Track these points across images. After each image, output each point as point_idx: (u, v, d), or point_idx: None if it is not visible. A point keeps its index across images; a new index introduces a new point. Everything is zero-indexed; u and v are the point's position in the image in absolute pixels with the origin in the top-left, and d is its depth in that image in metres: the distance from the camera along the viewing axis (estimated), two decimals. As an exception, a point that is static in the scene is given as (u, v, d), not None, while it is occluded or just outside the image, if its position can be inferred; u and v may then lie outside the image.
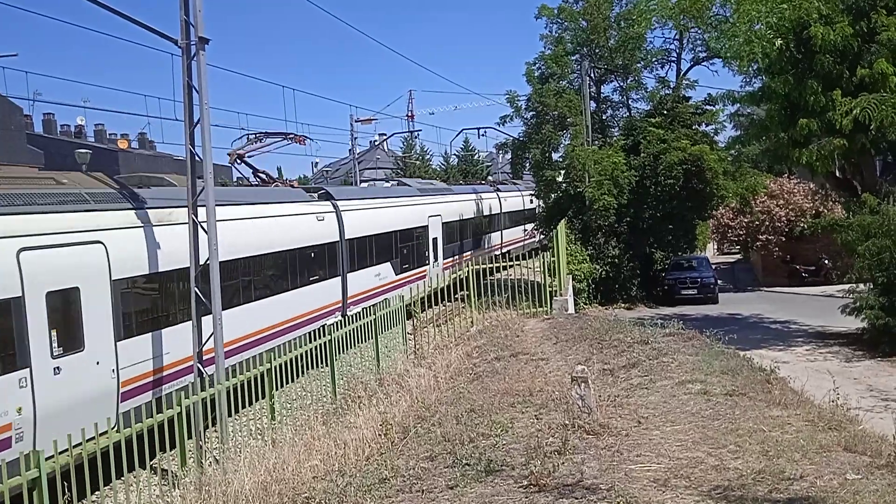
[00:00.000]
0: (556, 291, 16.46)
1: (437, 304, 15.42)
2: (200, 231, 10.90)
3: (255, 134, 19.53)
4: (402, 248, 22.22)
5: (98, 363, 9.69)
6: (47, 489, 6.32)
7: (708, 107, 30.04)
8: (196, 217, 10.89)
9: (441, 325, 15.50)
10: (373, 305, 15.53)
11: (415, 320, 14.82)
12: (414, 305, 14.80)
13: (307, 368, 11.06)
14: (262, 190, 17.26)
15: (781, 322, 22.21)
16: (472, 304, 16.00)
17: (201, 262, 10.92)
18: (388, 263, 21.07)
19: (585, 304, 24.95)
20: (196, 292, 10.79)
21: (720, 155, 28.08)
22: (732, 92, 22.32)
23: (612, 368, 9.74)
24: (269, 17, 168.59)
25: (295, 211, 16.23)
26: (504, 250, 32.84)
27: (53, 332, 8.98)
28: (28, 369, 8.57)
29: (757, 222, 33.14)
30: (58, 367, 9.00)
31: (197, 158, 10.89)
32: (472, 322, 15.65)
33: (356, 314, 13.28)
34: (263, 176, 18.76)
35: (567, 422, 7.14)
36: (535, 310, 15.84)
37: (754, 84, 22.06)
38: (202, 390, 9.03)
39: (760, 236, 33.04)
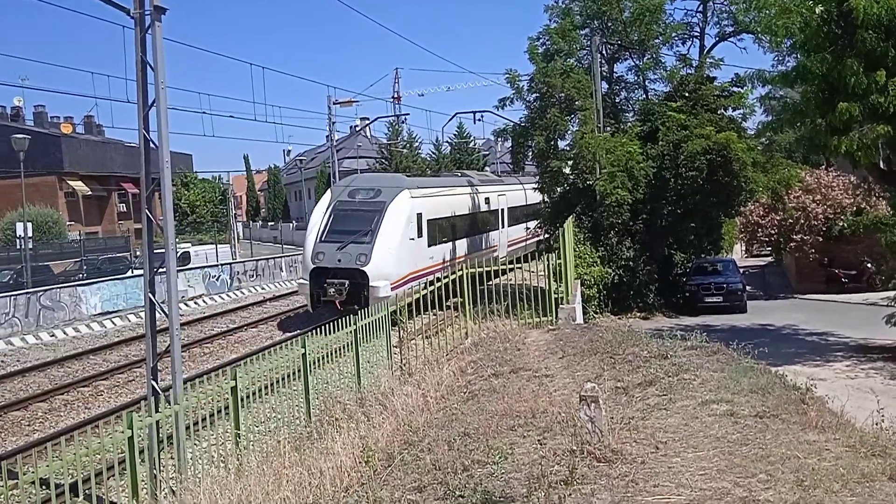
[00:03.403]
0: (562, 298, 16.48)
1: (425, 311, 15.39)
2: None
3: None
4: None
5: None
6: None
7: (735, 88, 30.06)
8: (149, 214, 10.86)
9: (431, 337, 15.49)
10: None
11: (401, 331, 14.80)
12: (400, 314, 14.79)
13: (278, 385, 11.03)
14: None
15: (818, 334, 22.29)
16: (466, 312, 15.99)
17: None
18: None
19: (596, 312, 24.98)
20: (151, 298, 10.75)
21: (749, 143, 28.14)
22: (763, 72, 22.29)
23: (626, 386, 9.75)
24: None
25: None
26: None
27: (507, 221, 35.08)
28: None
29: (791, 220, 33.24)
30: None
31: (152, 145, 10.84)
32: (466, 333, 15.65)
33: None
34: None
35: (575, 447, 7.14)
36: (538, 319, 15.84)
37: (787, 63, 22.08)
38: (157, 411, 8.99)
39: (794, 236, 33.15)
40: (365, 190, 25.55)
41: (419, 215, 25.73)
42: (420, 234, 25.52)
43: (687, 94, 29.68)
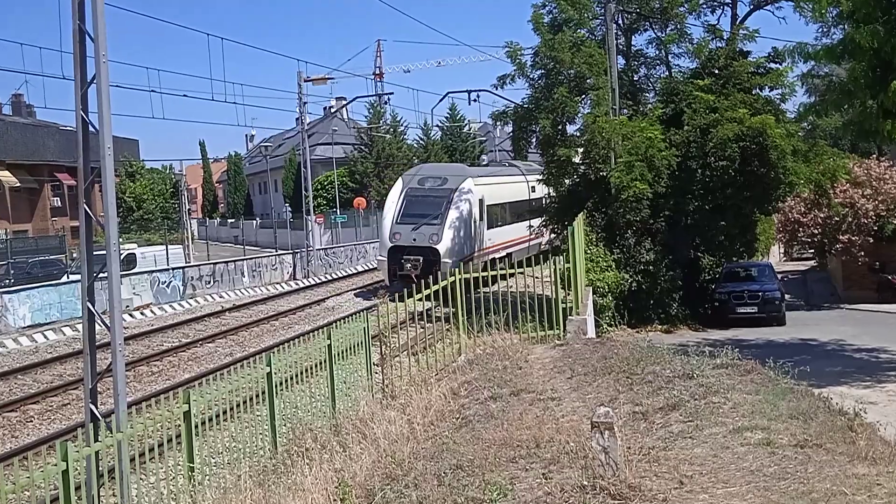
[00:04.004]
0: (571, 308, 16.49)
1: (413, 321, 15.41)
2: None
3: None
4: None
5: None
6: None
7: (773, 65, 30.24)
8: (88, 210, 10.80)
9: (418, 353, 15.47)
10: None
11: (383, 346, 14.79)
12: (384, 326, 14.77)
13: (239, 410, 11.00)
14: None
15: (868, 350, 22.38)
16: (459, 324, 15.99)
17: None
18: None
19: (610, 325, 25.05)
20: (90, 308, 10.70)
21: (788, 129, 28.26)
22: (805, 45, 22.44)
23: (645, 411, 9.77)
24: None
25: None
26: None
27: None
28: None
29: (837, 218, 33.39)
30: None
31: (91, 129, 10.80)
32: (459, 349, 15.64)
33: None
34: None
35: (585, 482, 7.14)
36: (543, 333, 15.85)
37: (833, 35, 22.25)
38: (96, 440, 8.95)
39: (841, 237, 33.31)
40: (433, 178, 33.48)
41: (480, 201, 33.04)
42: (481, 218, 33.11)
43: (717, 71, 29.80)
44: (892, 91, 17.71)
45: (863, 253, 32.99)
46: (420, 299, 14.74)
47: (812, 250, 43.86)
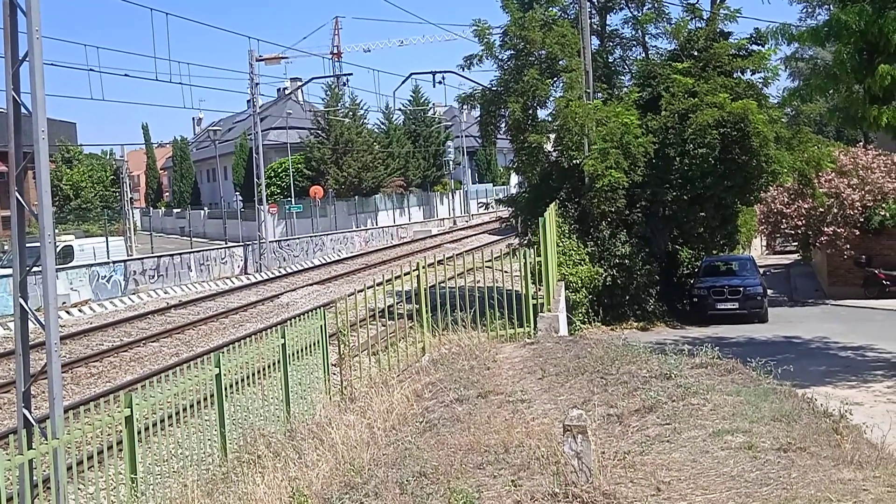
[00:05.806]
0: (542, 305, 16.54)
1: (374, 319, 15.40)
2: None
3: None
4: None
5: None
6: None
7: (755, 47, 30.45)
8: (20, 198, 10.64)
9: (379, 353, 15.44)
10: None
11: (341, 346, 14.75)
12: (342, 323, 14.73)
13: (185, 415, 10.92)
14: None
15: (854, 348, 22.66)
16: (423, 321, 15.98)
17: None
18: None
19: (583, 322, 25.14)
20: (22, 305, 10.56)
21: (771, 115, 28.49)
22: (788, 26, 22.64)
23: (620, 414, 9.82)
24: None
25: None
26: None
27: None
28: None
29: (821, 209, 33.71)
30: None
31: (23, 111, 10.65)
32: (423, 348, 15.63)
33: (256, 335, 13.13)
34: None
35: (557, 489, 7.16)
36: (512, 331, 15.89)
37: (818, 16, 22.50)
38: (30, 448, 8.84)
39: (826, 229, 33.62)
40: None
41: None
42: None
43: (696, 53, 29.93)
44: (879, 75, 17.90)
45: (848, 246, 33.32)
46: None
47: (796, 243, 44.27)
